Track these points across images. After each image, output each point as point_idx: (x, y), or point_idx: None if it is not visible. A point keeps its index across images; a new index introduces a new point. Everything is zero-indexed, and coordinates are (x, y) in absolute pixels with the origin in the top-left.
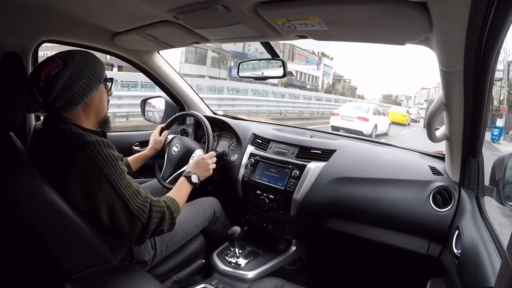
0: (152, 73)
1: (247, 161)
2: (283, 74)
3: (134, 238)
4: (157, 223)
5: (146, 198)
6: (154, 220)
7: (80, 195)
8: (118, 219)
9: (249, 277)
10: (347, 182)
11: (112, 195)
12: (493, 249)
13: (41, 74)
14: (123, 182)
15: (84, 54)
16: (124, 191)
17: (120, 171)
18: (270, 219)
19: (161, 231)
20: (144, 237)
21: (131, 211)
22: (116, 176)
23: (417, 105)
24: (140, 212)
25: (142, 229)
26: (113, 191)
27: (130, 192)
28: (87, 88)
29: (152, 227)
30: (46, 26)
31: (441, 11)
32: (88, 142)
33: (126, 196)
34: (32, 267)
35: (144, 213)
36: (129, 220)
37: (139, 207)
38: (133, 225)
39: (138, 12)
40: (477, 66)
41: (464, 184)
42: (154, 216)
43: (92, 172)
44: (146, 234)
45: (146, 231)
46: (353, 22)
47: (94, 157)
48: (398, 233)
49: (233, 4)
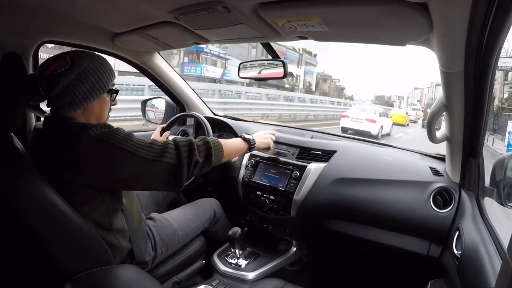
0: (152, 73)
1: (248, 162)
2: (284, 75)
3: (173, 182)
4: (188, 156)
5: (166, 142)
6: (184, 155)
7: (100, 174)
8: (148, 177)
9: (249, 278)
10: (347, 183)
11: (129, 158)
12: (494, 250)
13: (49, 68)
14: (134, 141)
15: (95, 59)
16: (138, 148)
17: (125, 135)
18: (270, 220)
19: (196, 162)
20: (182, 176)
21: (154, 160)
22: (123, 140)
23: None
24: (164, 155)
25: (176, 168)
26: (128, 154)
27: (145, 147)
28: (88, 95)
29: (185, 162)
30: (46, 27)
31: (442, 12)
32: (88, 126)
33: (141, 151)
34: (33, 268)
35: (170, 153)
36: (156, 169)
37: (161, 152)
38: (163, 171)
39: (138, 13)
40: (478, 67)
41: (465, 185)
42: (182, 150)
43: (101, 148)
44: (182, 171)
45: (181, 168)
46: (353, 23)
47: (98, 135)
48: (399, 234)
49: (233, 5)
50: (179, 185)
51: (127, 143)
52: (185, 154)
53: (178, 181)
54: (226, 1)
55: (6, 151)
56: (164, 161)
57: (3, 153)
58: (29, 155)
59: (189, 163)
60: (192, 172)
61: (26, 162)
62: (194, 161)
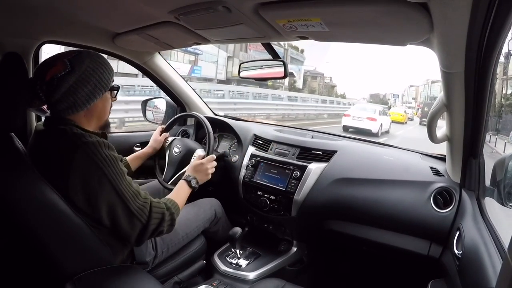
0: (153, 74)
1: (248, 162)
2: (284, 74)
3: (133, 238)
4: (157, 224)
5: (145, 198)
6: (154, 221)
7: (81, 195)
8: (118, 219)
9: (250, 278)
10: (348, 183)
11: (112, 196)
12: (494, 250)
13: (47, 74)
14: (124, 183)
15: (94, 58)
16: (124, 192)
17: (120, 172)
18: (271, 220)
19: (160, 231)
20: (143, 238)
21: (131, 212)
22: (116, 177)
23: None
24: (140, 213)
25: (142, 229)
26: (113, 192)
27: (130, 193)
28: (91, 95)
29: (152, 228)
30: (47, 27)
31: (442, 12)
32: (88, 143)
33: (126, 196)
34: (33, 268)
35: (144, 214)
36: (129, 221)
37: (139, 208)
38: (133, 226)
39: (139, 13)
40: (478, 67)
41: (465, 185)
42: (154, 217)
43: (92, 172)
44: (146, 234)
45: (146, 232)
46: (354, 23)
47: (94, 157)
48: (399, 234)
49: (234, 5)
50: (138, 242)
51: (118, 180)
52: (154, 221)
53: (138, 239)
54: (226, 1)
55: (7, 151)
56: (137, 217)
57: (3, 153)
58: (30, 155)
59: (154, 230)
60: (151, 236)
61: (27, 163)
62: (159, 231)
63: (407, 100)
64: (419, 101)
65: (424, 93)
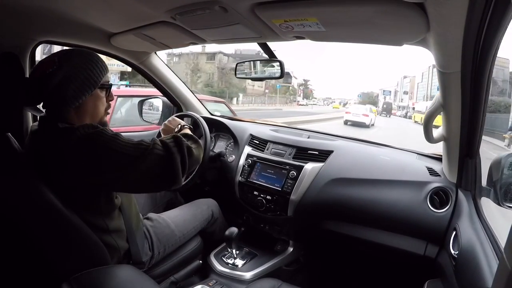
0: (149, 73)
1: (245, 162)
2: (281, 75)
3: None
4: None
5: (152, 139)
6: (171, 144)
7: (88, 175)
8: (139, 174)
9: (246, 278)
10: (344, 183)
11: (117, 157)
12: (490, 250)
13: (37, 71)
14: (121, 141)
15: (83, 56)
16: (127, 147)
17: (112, 136)
18: (267, 220)
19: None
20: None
21: (144, 155)
22: (111, 141)
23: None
24: (152, 150)
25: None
26: (115, 154)
27: (132, 145)
28: (79, 92)
29: (175, 150)
30: (43, 27)
31: (439, 12)
32: (74, 129)
33: (130, 150)
34: (30, 268)
35: (158, 145)
36: (148, 165)
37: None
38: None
39: (135, 13)
40: (475, 67)
41: (461, 185)
42: (168, 141)
43: (87, 149)
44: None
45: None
46: (350, 23)
47: (83, 136)
48: (395, 234)
49: (230, 5)
50: (174, 178)
51: (114, 143)
52: (172, 144)
53: (172, 175)
54: (222, 1)
55: (3, 151)
56: (153, 153)
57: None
58: (27, 156)
59: (180, 151)
60: (188, 161)
61: (23, 163)
62: (187, 148)
63: (400, 97)
64: (415, 96)
65: (422, 85)
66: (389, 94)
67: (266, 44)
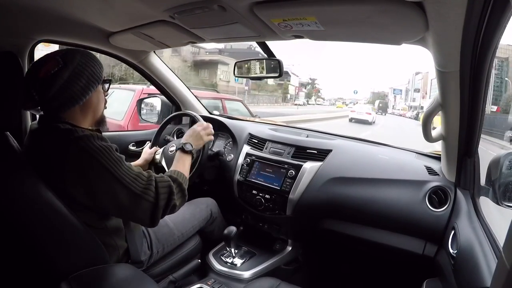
0: (148, 72)
1: (243, 161)
2: (279, 74)
3: (147, 220)
4: (167, 199)
5: (149, 177)
6: (162, 196)
7: (81, 189)
8: (125, 206)
9: (245, 277)
10: (343, 182)
11: (113, 183)
12: (489, 249)
13: (40, 72)
14: (122, 168)
15: (84, 54)
16: (125, 176)
17: (117, 158)
18: (266, 219)
19: (173, 206)
20: (157, 216)
21: (137, 194)
22: (113, 163)
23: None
24: (146, 192)
25: (153, 209)
26: (113, 179)
27: (131, 176)
28: (86, 89)
29: (162, 204)
30: (42, 26)
31: (437, 11)
32: (81, 136)
33: (127, 180)
34: (28, 267)
35: (151, 192)
36: (137, 204)
37: (144, 188)
38: (142, 208)
39: (134, 12)
40: (473, 66)
41: (460, 184)
42: (161, 192)
43: (88, 164)
44: (158, 212)
45: (157, 210)
46: (349, 22)
47: (88, 149)
48: (394, 233)
49: (229, 4)
50: (152, 223)
51: (116, 167)
52: (163, 196)
53: (152, 220)
54: (221, 0)
55: (2, 150)
56: (144, 198)
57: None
58: (26, 155)
59: (165, 205)
60: (165, 212)
61: (22, 161)
62: (172, 205)
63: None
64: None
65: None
66: (399, 93)
67: (265, 43)
